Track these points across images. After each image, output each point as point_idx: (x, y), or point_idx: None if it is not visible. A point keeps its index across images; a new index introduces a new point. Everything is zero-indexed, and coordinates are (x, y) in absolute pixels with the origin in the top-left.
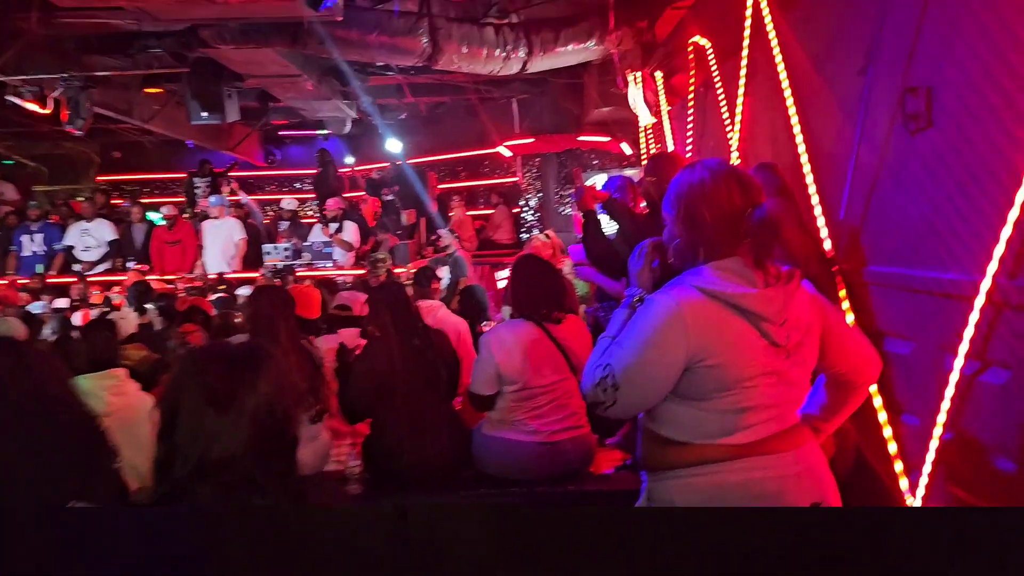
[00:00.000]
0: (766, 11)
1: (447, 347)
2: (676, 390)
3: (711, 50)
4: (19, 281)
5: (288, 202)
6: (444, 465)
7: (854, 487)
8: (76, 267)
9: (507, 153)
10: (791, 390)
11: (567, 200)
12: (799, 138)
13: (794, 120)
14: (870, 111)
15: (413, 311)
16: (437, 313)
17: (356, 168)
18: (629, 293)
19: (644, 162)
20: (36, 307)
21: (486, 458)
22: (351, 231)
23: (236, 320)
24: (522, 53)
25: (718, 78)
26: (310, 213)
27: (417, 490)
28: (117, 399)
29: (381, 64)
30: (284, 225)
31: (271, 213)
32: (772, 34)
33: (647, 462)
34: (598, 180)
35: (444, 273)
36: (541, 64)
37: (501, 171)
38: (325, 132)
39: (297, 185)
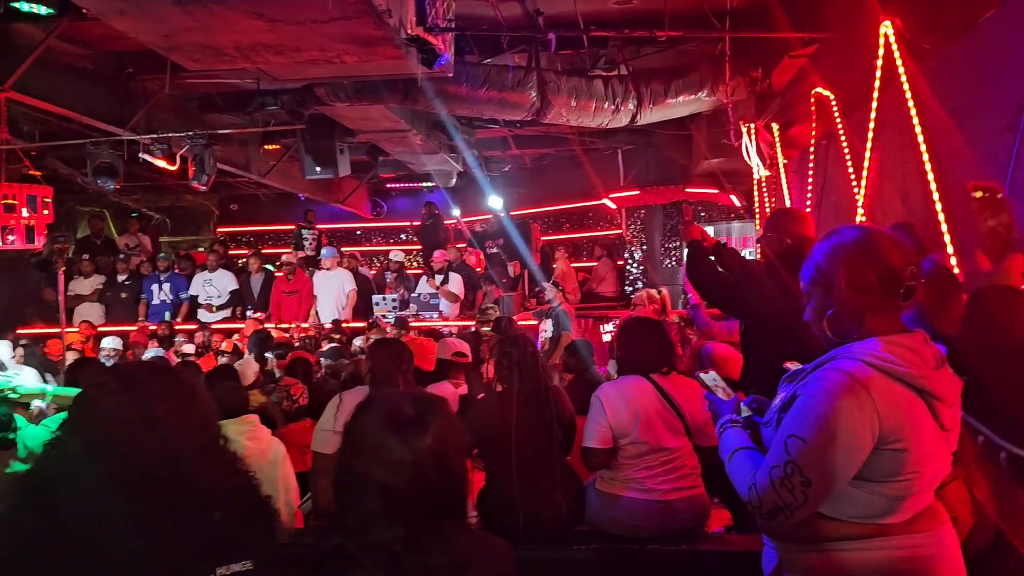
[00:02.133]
0: (899, 61)
1: (565, 406)
2: None
3: (835, 101)
4: (149, 327)
5: (396, 254)
6: (557, 520)
7: (991, 562)
8: (201, 315)
9: (612, 205)
10: (941, 472)
11: (673, 252)
12: (935, 196)
13: (930, 177)
14: (1021, 170)
15: (540, 368)
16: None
17: (461, 220)
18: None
19: (756, 215)
20: (151, 352)
21: (599, 514)
22: (456, 283)
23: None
24: (631, 105)
25: (842, 130)
26: (415, 264)
27: (530, 544)
28: (253, 444)
29: (487, 118)
30: (391, 276)
31: (378, 264)
32: (905, 85)
33: (780, 532)
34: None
35: (547, 326)
36: (651, 116)
37: (605, 223)
38: (430, 184)
39: (403, 236)
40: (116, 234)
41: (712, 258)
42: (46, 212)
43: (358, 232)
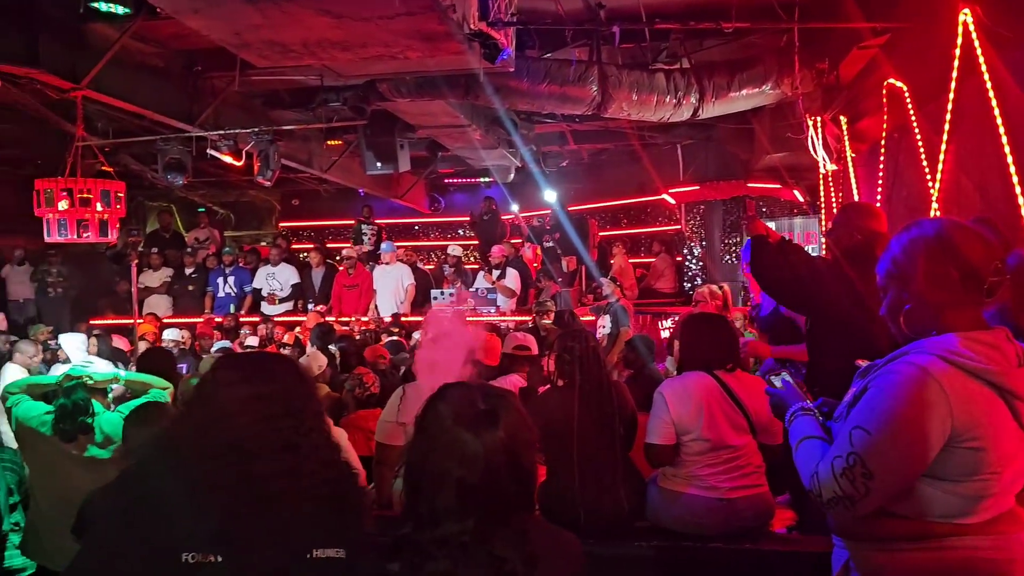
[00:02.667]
0: (978, 50)
1: (627, 402)
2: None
3: (908, 93)
4: (215, 319)
5: (453, 248)
6: (618, 515)
7: None
8: (263, 307)
9: (671, 200)
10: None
11: (733, 248)
12: (1018, 189)
13: (1012, 170)
14: None
15: (602, 364)
16: None
17: (519, 215)
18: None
19: (821, 211)
20: (221, 344)
21: (661, 511)
22: (513, 278)
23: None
24: (694, 99)
25: (916, 123)
26: (472, 259)
27: (590, 539)
28: None
29: (546, 112)
30: (448, 270)
31: (435, 259)
32: (986, 75)
33: (851, 530)
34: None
35: (605, 322)
36: (713, 110)
37: (664, 218)
38: (488, 179)
39: (460, 232)
40: (183, 228)
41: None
42: (119, 207)
43: (416, 227)
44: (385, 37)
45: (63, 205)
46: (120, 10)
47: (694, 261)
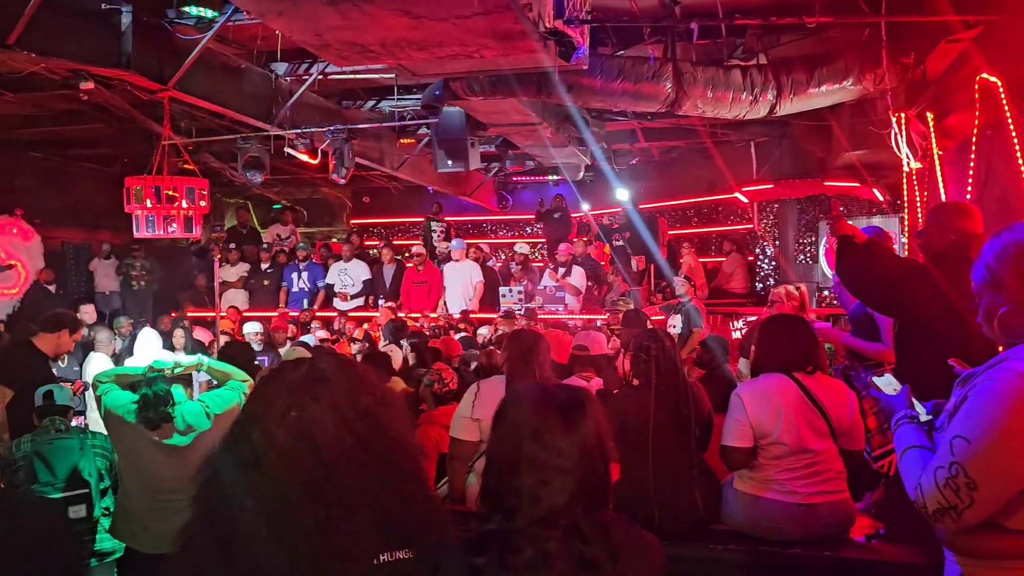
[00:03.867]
0: None
1: (703, 403)
2: None
3: (1002, 88)
4: (289, 314)
5: (521, 246)
6: (693, 517)
7: None
8: (335, 303)
9: (743, 199)
10: None
11: (808, 248)
12: None
13: None
14: None
15: (678, 364)
16: None
17: (588, 213)
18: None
19: (904, 210)
20: (308, 338)
21: (736, 514)
22: (579, 276)
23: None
24: (771, 96)
25: (1011, 119)
26: (539, 256)
27: (664, 540)
28: None
29: (617, 110)
30: (516, 268)
31: (503, 257)
32: None
33: (962, 545)
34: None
35: (676, 322)
36: (791, 107)
37: (735, 217)
38: (556, 177)
39: (528, 229)
40: (258, 224)
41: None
42: (203, 203)
43: (484, 224)
44: (461, 36)
45: (150, 202)
46: (209, 13)
47: (766, 261)
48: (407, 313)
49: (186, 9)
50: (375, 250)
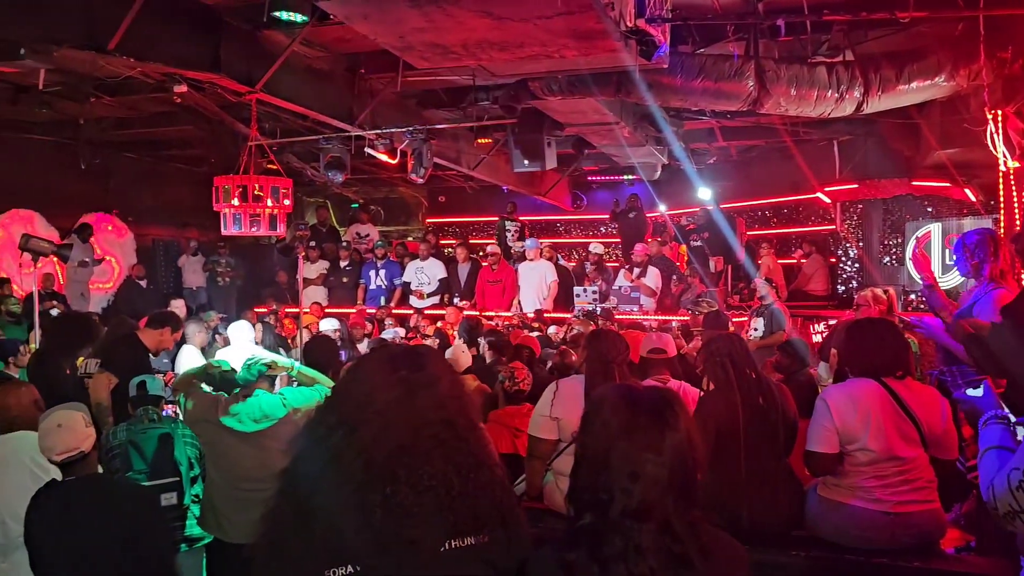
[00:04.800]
0: None
1: (790, 406)
2: None
3: None
4: (366, 311)
5: (595, 246)
6: (779, 522)
7: None
8: (411, 300)
9: (826, 199)
10: None
11: (893, 250)
12: None
13: None
14: None
15: (754, 365)
16: None
17: (664, 213)
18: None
19: (1000, 210)
20: (388, 333)
21: (821, 521)
22: (654, 277)
23: (570, 360)
24: (857, 93)
25: None
26: (613, 256)
27: (748, 544)
28: None
29: (696, 109)
30: (590, 268)
31: (576, 256)
32: None
33: None
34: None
35: (758, 324)
36: (879, 104)
37: (816, 218)
38: (631, 177)
39: (602, 229)
40: (337, 223)
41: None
42: (287, 202)
43: (558, 224)
44: (542, 37)
45: (237, 201)
46: (298, 18)
47: (849, 263)
48: (481, 312)
49: (277, 14)
50: (450, 249)
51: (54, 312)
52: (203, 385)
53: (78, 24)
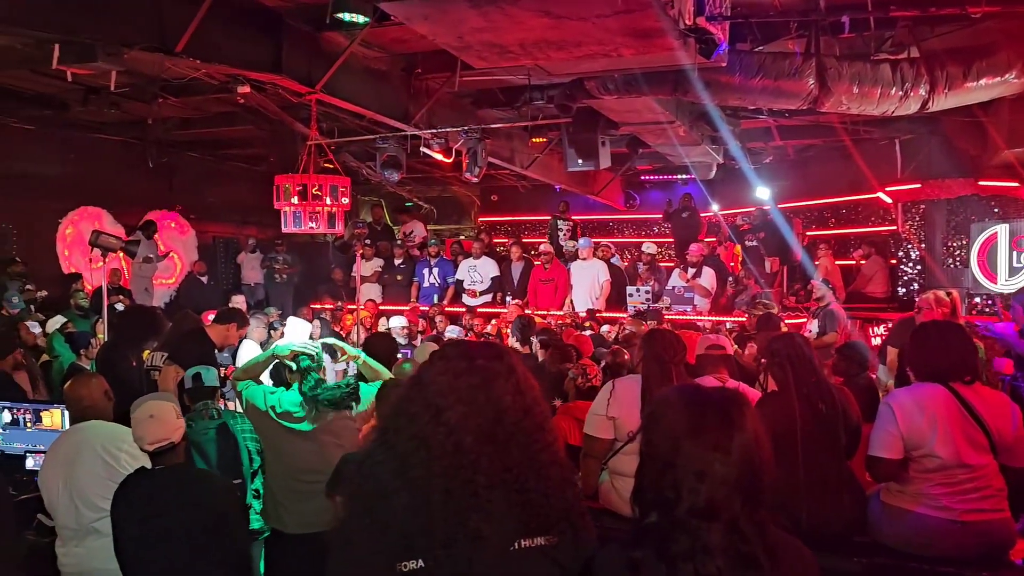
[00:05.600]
0: None
1: (852, 409)
2: None
3: None
4: (420, 308)
5: (648, 246)
6: (841, 527)
7: None
8: (464, 299)
9: (887, 199)
10: None
11: (957, 252)
12: None
13: None
14: None
15: (815, 366)
16: None
17: (717, 213)
18: None
19: None
20: (452, 331)
21: (884, 527)
22: (709, 277)
23: (623, 359)
24: (923, 91)
25: None
26: (666, 256)
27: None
28: None
29: (753, 108)
30: (642, 267)
31: (629, 256)
32: None
33: None
34: None
35: (813, 327)
36: (945, 102)
37: (876, 219)
38: (684, 176)
39: (655, 229)
40: (391, 222)
41: None
42: (345, 201)
43: (610, 224)
44: (600, 36)
45: (297, 199)
46: (360, 19)
47: (910, 264)
48: (533, 311)
49: (339, 16)
50: (503, 248)
51: (120, 306)
52: (261, 378)
53: (148, 27)
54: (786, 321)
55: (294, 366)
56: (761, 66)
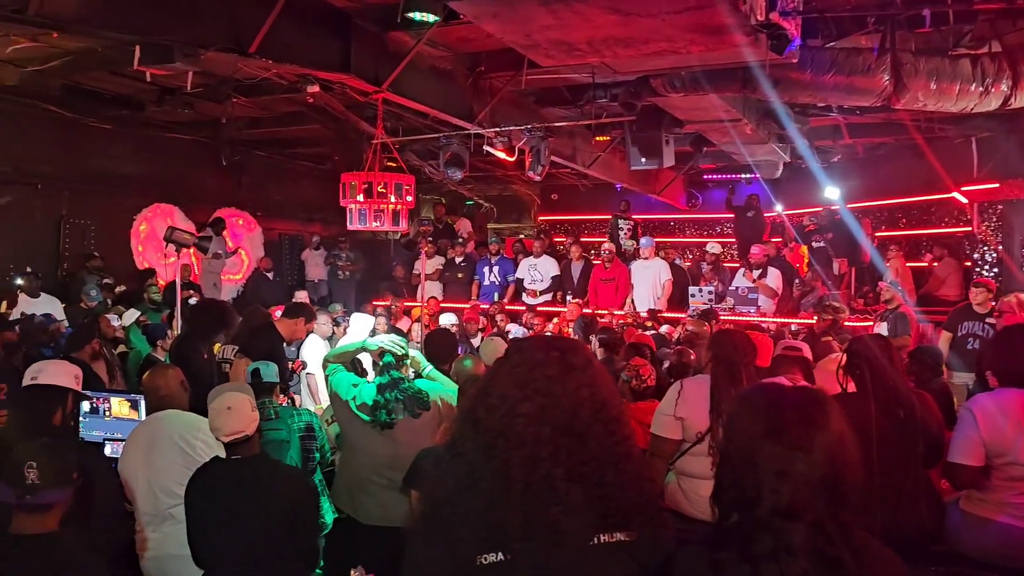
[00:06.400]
0: None
1: (932, 414)
2: None
3: None
4: (480, 306)
5: (712, 246)
6: (919, 535)
7: None
8: (524, 297)
9: (962, 199)
10: None
11: None
12: None
13: None
14: None
15: (894, 369)
16: None
17: (782, 213)
18: None
19: None
20: (516, 330)
21: (964, 537)
22: (775, 278)
23: (688, 360)
24: (1005, 87)
25: None
26: (730, 256)
27: None
28: None
29: (822, 105)
30: (706, 268)
31: (690, 256)
32: None
33: None
34: None
35: (882, 330)
36: None
37: (950, 219)
38: (748, 176)
39: (717, 229)
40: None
41: None
42: (409, 198)
43: (672, 223)
44: (669, 32)
45: (362, 197)
46: (431, 18)
47: (987, 267)
48: (594, 310)
49: (410, 15)
50: (562, 246)
51: (191, 301)
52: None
53: (223, 28)
54: (853, 324)
55: (380, 361)
56: (834, 62)
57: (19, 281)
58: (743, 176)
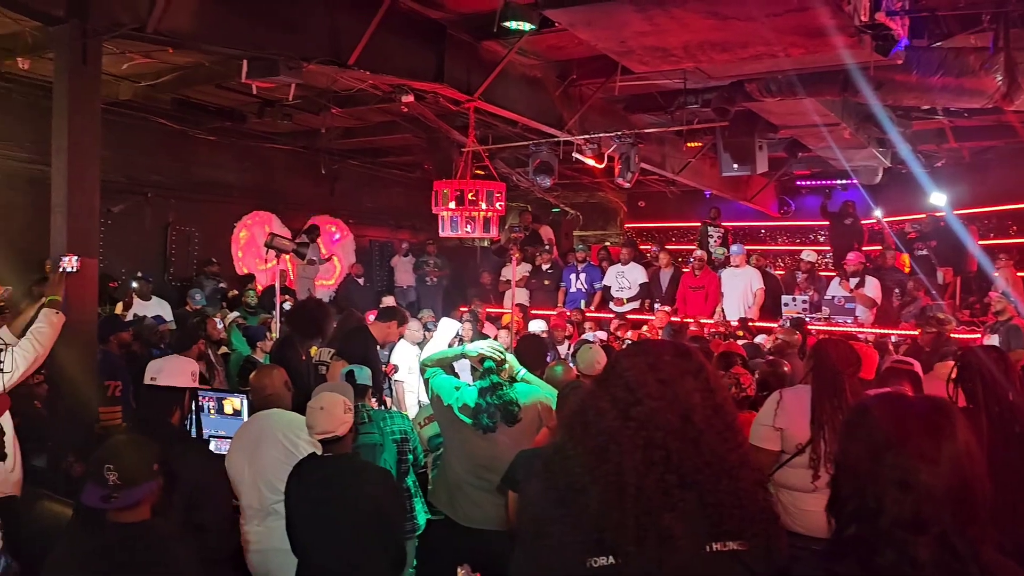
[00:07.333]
0: None
1: None
2: None
3: None
4: (567, 313)
5: (807, 254)
6: None
7: None
8: (611, 305)
9: None
10: None
11: None
12: None
13: None
14: None
15: (1011, 386)
16: None
17: (880, 220)
18: None
19: None
20: (589, 336)
21: None
22: (873, 287)
23: (782, 371)
24: None
25: None
26: (826, 265)
27: None
28: None
29: (927, 108)
30: (801, 276)
31: (782, 264)
32: None
33: None
34: None
35: (993, 342)
36: None
37: None
38: (844, 182)
39: (811, 236)
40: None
41: None
42: (499, 206)
43: (762, 231)
44: (768, 35)
45: (454, 204)
46: (527, 27)
47: None
48: (682, 318)
49: (507, 24)
50: (649, 254)
51: (287, 305)
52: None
53: (324, 42)
54: (960, 336)
55: (480, 367)
56: (942, 63)
57: (134, 285)
58: (839, 182)
